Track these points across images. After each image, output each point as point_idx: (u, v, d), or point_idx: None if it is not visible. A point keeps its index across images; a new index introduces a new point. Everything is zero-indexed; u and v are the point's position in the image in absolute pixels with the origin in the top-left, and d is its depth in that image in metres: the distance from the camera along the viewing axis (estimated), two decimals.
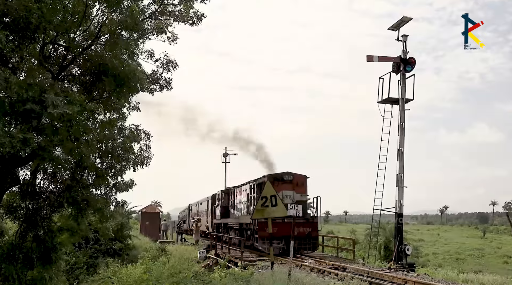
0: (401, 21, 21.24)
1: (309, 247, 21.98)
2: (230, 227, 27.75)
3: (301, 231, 21.51)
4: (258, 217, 17.06)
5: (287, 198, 21.54)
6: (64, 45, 11.53)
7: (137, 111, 13.33)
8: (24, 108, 8.58)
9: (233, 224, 26.88)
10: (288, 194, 21.94)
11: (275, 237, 20.19)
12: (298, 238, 21.05)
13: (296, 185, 22.40)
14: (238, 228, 25.56)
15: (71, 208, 12.70)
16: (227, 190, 31.06)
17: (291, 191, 22.13)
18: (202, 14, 12.45)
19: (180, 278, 14.27)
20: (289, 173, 22.65)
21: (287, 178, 22.37)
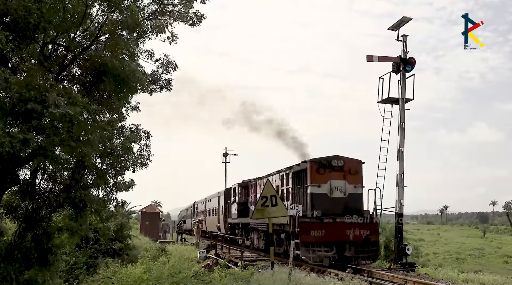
0: (401, 21, 21.23)
1: (368, 257, 17.12)
2: (252, 228, 23.23)
3: (356, 234, 17.02)
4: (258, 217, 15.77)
5: (337, 190, 17.54)
6: (64, 45, 11.54)
7: (137, 111, 13.34)
8: (25, 107, 8.58)
9: (257, 224, 21.75)
10: (338, 185, 17.51)
11: (323, 242, 16.50)
12: (354, 244, 16.91)
13: (349, 172, 17.80)
14: (265, 229, 20.53)
15: (69, 208, 12.73)
16: (245, 183, 26.00)
17: (342, 181, 17.58)
18: (202, 15, 12.46)
19: (180, 278, 14.23)
20: (339, 157, 18.02)
21: (336, 163, 17.62)
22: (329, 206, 17.09)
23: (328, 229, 16.58)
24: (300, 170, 18.35)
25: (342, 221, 16.91)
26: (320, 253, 16.28)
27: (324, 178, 17.32)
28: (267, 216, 13.74)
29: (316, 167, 17.34)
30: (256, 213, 13.88)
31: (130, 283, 14.50)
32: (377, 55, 21.56)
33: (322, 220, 16.69)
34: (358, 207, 17.68)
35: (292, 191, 18.85)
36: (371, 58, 21.35)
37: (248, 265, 16.84)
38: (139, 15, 11.15)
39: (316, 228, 16.50)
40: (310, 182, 17.31)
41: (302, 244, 16.25)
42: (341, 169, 17.70)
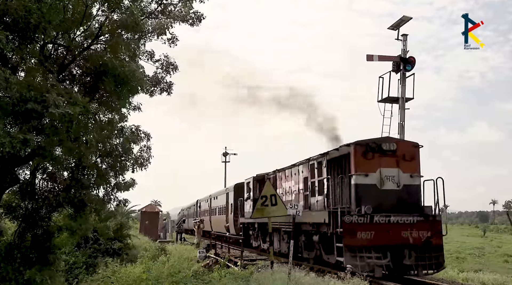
0: (401, 20, 21.28)
1: (430, 265, 13.87)
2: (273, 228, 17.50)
3: (415, 235, 13.80)
4: (258, 217, 16.05)
5: (389, 180, 14.28)
6: (64, 45, 11.54)
7: (139, 111, 13.36)
8: (25, 107, 8.59)
9: (280, 224, 18.21)
10: (389, 174, 14.28)
11: (373, 246, 13.36)
12: (413, 248, 13.70)
13: (403, 158, 14.53)
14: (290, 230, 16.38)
15: (69, 208, 12.75)
16: (261, 177, 22.96)
17: (395, 169, 14.34)
18: (202, 14, 12.46)
19: (179, 278, 14.24)
20: (391, 139, 15.14)
21: (387, 147, 14.37)
22: (379, 200, 13.98)
23: (379, 230, 13.40)
24: (340, 156, 15.04)
25: (399, 219, 13.78)
26: (370, 261, 13.10)
27: (372, 166, 14.11)
28: (267, 215, 13.74)
29: (362, 151, 14.07)
30: (256, 212, 13.88)
31: (130, 283, 14.49)
32: (377, 55, 21.61)
33: (372, 219, 13.50)
34: (415, 202, 14.52)
35: (327, 183, 15.36)
36: (371, 58, 21.39)
37: (247, 265, 16.83)
38: (139, 15, 11.15)
39: (365, 228, 13.36)
40: (354, 170, 14.12)
41: (346, 249, 13.12)
42: (393, 154, 14.37)
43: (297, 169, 18.28)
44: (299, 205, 16.17)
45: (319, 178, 16.30)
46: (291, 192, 18.82)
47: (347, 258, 13.17)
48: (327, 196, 15.27)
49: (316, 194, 16.30)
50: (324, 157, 16.00)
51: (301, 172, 17.85)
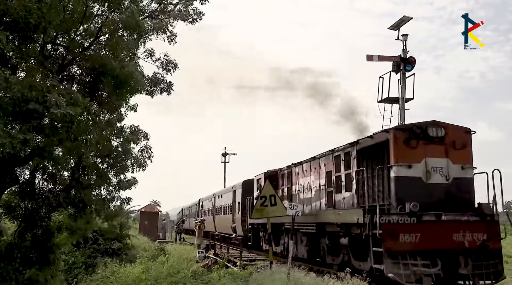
0: (401, 20, 21.24)
1: (487, 274, 11.49)
2: (288, 229, 16.89)
3: (469, 239, 11.60)
4: (257, 217, 15.71)
5: (436, 173, 12.14)
6: (64, 45, 11.55)
7: (134, 111, 13.37)
8: (27, 107, 8.59)
9: (299, 225, 15.92)
10: (437, 164, 12.15)
11: (420, 252, 11.16)
12: (468, 254, 11.48)
13: (453, 146, 12.38)
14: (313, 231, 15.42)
15: (70, 208, 12.76)
16: (273, 173, 20.95)
17: (444, 159, 12.21)
18: (201, 12, 12.49)
19: (178, 278, 14.24)
20: (438, 124, 12.44)
21: (434, 132, 12.19)
22: (424, 196, 11.79)
23: (428, 231, 11.23)
24: (375, 144, 12.92)
25: (451, 219, 11.59)
26: (416, 269, 10.95)
27: (416, 155, 11.99)
28: (266, 215, 13.73)
29: (404, 138, 11.95)
30: (255, 213, 13.87)
31: (129, 283, 14.47)
32: (377, 55, 21.56)
33: (419, 218, 11.35)
34: (468, 198, 12.37)
35: (358, 177, 13.27)
36: (371, 58, 21.34)
37: (247, 265, 16.82)
38: (139, 15, 11.16)
39: (409, 230, 11.19)
40: (395, 160, 11.97)
41: (387, 255, 11.03)
42: (441, 141, 12.23)
43: (317, 162, 16.06)
44: (321, 202, 15.60)
45: (347, 172, 14.06)
46: (311, 188, 16.63)
47: (388, 266, 10.98)
48: (358, 192, 13.26)
49: (343, 190, 14.20)
50: (353, 147, 13.69)
51: (322, 166, 15.67)
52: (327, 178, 15.43)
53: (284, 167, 19.71)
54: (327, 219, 14.23)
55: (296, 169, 18.35)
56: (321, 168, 15.96)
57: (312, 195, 16.58)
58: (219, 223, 32.61)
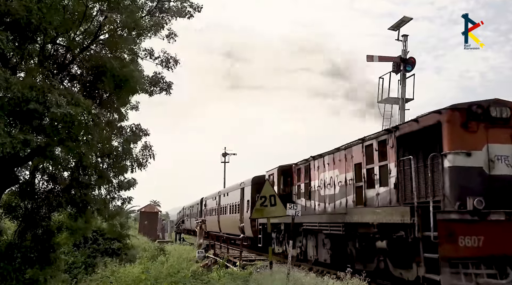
0: (401, 21, 21.26)
1: None
2: (307, 231, 15.98)
3: None
4: (257, 217, 15.96)
5: (500, 162, 9.86)
6: (64, 45, 11.56)
7: (136, 110, 13.37)
8: (27, 107, 8.59)
9: (320, 225, 14.50)
10: (502, 152, 9.89)
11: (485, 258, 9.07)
12: None
13: None
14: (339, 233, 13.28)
15: (70, 208, 12.77)
16: (287, 168, 19.11)
17: (510, 146, 9.96)
18: (198, 5, 12.44)
19: (178, 278, 14.21)
20: (502, 103, 10.17)
21: (498, 113, 10.00)
22: (487, 190, 9.63)
23: (495, 233, 9.10)
24: (421, 129, 10.68)
25: None
26: (481, 281, 8.92)
27: (476, 141, 9.83)
28: (266, 215, 13.70)
29: (461, 120, 9.84)
30: (255, 213, 13.84)
31: (129, 283, 14.47)
32: (377, 55, 21.58)
33: (484, 217, 9.21)
34: None
35: (399, 169, 11.21)
36: (371, 58, 21.36)
37: (246, 265, 16.81)
38: (138, 14, 11.16)
39: (472, 231, 9.13)
40: (450, 147, 9.82)
41: (444, 262, 9.09)
42: (506, 124, 10.02)
43: (343, 154, 14.06)
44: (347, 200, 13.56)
45: (381, 163, 12.04)
46: (334, 184, 14.61)
47: (445, 276, 9.00)
48: (398, 187, 11.22)
49: (377, 184, 12.21)
50: (390, 134, 11.64)
51: (349, 158, 13.63)
52: (356, 171, 13.30)
53: (301, 161, 17.56)
54: (359, 218, 12.07)
55: (316, 163, 16.16)
56: (347, 160, 13.79)
57: (336, 191, 14.44)
58: (224, 223, 30.54)
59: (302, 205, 16.60)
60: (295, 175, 18.38)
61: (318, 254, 15.22)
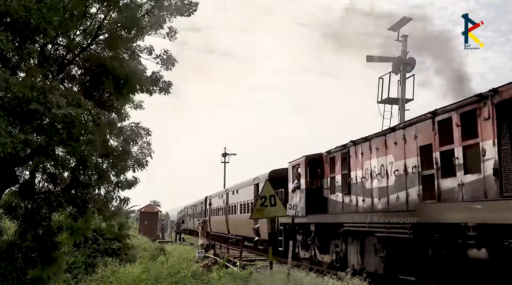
0: (401, 21, 21.25)
1: None
2: (349, 233, 12.87)
3: None
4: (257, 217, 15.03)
5: None
6: (63, 45, 11.57)
7: (140, 109, 13.39)
8: (28, 107, 8.61)
9: (371, 226, 11.48)
10: None
11: None
12: None
13: None
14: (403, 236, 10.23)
15: (70, 207, 12.78)
16: (315, 157, 16.07)
17: None
18: (195, 2, 12.45)
19: (178, 278, 14.22)
20: None
21: None
22: None
23: None
24: None
25: None
26: None
27: None
28: (266, 215, 13.68)
29: None
30: (256, 213, 13.83)
31: (129, 283, 14.48)
32: (377, 56, 21.59)
33: None
34: None
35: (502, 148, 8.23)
36: (371, 58, 21.37)
37: (246, 265, 16.80)
38: (137, 13, 11.18)
39: None
40: None
41: None
42: None
43: (400, 135, 11.30)
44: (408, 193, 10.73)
45: (469, 142, 9.03)
46: (387, 173, 11.79)
47: None
48: (501, 173, 8.26)
49: (459, 171, 9.28)
50: (484, 102, 8.58)
51: (410, 139, 10.86)
52: (422, 155, 10.51)
53: (336, 148, 14.72)
54: (443, 217, 9.17)
55: (358, 149, 13.35)
56: (407, 143, 10.96)
57: (389, 183, 11.61)
58: (234, 223, 27.46)
59: (337, 201, 14.16)
60: (327, 165, 15.29)
61: (365, 262, 12.26)
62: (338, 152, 14.59)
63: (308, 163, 16.12)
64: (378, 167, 12.31)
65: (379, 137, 12.41)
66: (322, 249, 15.04)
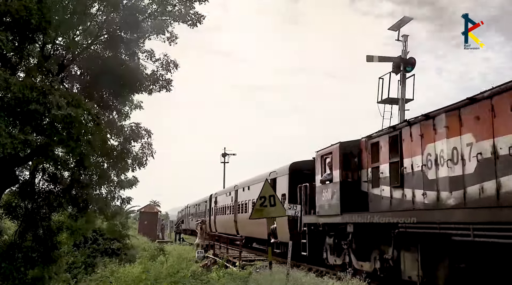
0: (401, 21, 21.23)
1: None
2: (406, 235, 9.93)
3: None
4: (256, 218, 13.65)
5: None
6: (64, 45, 11.57)
7: (140, 109, 13.39)
8: (28, 108, 8.60)
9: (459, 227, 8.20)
10: None
11: None
12: None
13: None
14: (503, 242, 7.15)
15: (71, 207, 12.80)
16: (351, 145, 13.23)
17: None
18: (202, 15, 12.46)
19: (178, 278, 14.23)
20: None
21: None
22: None
23: None
24: None
25: None
26: None
27: None
28: (266, 216, 13.66)
29: None
30: (256, 213, 13.80)
31: (129, 283, 14.48)
32: (377, 55, 21.55)
33: None
34: None
35: None
36: (371, 58, 21.33)
37: (246, 265, 16.80)
38: (139, 15, 11.18)
39: None
40: None
41: None
42: None
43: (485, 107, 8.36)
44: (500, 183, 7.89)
45: None
46: (463, 157, 8.87)
47: None
48: None
49: None
50: None
51: (505, 110, 8.00)
52: None
53: (380, 131, 12.13)
54: None
55: (415, 130, 10.47)
56: (498, 116, 8.08)
57: (468, 171, 8.77)
58: (244, 223, 24.48)
59: (383, 196, 11.43)
60: (367, 153, 12.56)
61: (428, 273, 9.63)
62: (384, 135, 11.65)
63: (342, 151, 13.24)
64: (448, 151, 9.45)
65: (449, 112, 9.45)
66: (360, 255, 12.20)
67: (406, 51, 21.21)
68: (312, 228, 14.62)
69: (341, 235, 13.01)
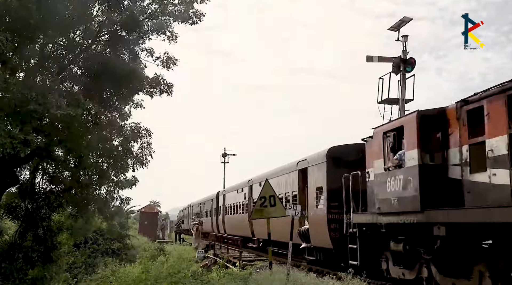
0: (401, 21, 21.23)
1: None
2: None
3: None
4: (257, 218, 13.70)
5: None
6: (64, 45, 11.57)
7: (141, 108, 13.40)
8: (27, 108, 8.61)
9: None
10: None
11: None
12: None
13: None
14: None
15: (70, 208, 12.81)
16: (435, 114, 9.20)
17: None
18: (202, 13, 12.48)
19: (178, 278, 14.22)
20: None
21: None
22: None
23: None
24: None
25: None
26: None
27: None
28: (266, 216, 13.64)
29: None
30: (255, 213, 13.77)
31: (129, 283, 14.48)
32: (377, 56, 21.54)
33: None
34: None
35: None
36: (371, 59, 21.31)
37: (246, 265, 16.79)
38: (139, 15, 11.19)
39: None
40: None
41: None
42: None
43: None
44: None
45: None
46: None
47: None
48: None
49: None
50: None
51: None
52: None
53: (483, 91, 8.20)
54: None
55: None
56: None
57: None
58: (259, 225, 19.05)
59: (495, 184, 7.51)
60: (461, 125, 8.65)
61: None
62: (496, 95, 7.67)
63: (419, 124, 9.34)
64: None
65: None
66: (450, 270, 8.82)
67: (406, 51, 21.24)
68: (364, 229, 11.51)
69: (418, 241, 9.60)
